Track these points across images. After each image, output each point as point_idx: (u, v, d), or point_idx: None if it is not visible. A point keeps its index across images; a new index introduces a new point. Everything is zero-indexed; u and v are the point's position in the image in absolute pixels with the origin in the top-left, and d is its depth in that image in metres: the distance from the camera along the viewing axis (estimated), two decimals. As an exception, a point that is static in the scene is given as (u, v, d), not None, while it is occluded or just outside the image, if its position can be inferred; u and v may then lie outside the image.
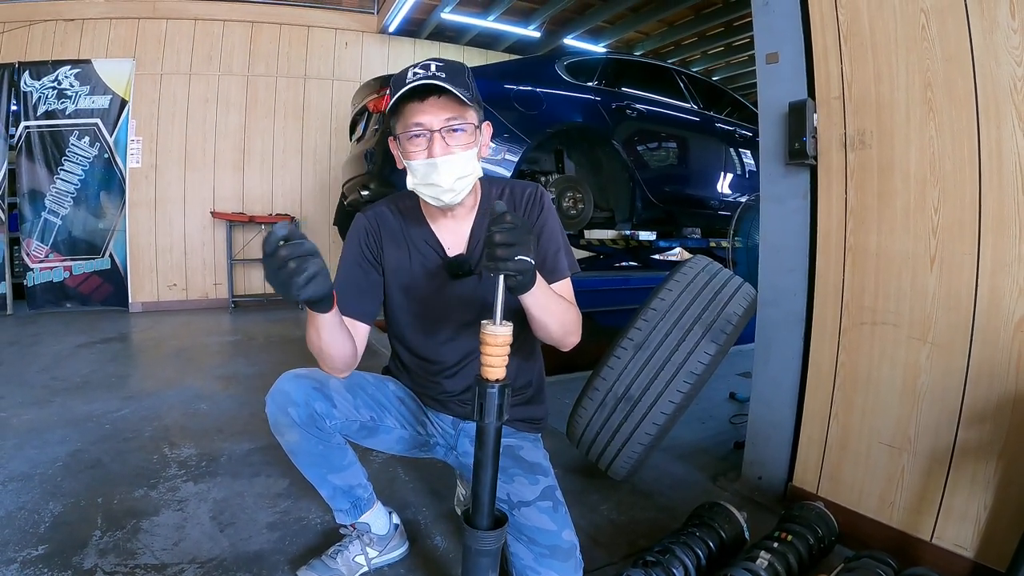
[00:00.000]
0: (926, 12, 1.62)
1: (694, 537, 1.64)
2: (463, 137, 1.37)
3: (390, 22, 7.12)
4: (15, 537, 1.81)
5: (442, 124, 1.34)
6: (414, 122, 1.35)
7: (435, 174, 1.35)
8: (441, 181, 1.35)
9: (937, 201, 1.63)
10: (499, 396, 1.15)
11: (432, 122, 1.34)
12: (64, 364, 4.08)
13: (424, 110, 1.34)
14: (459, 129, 1.36)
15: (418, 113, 1.34)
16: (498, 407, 1.15)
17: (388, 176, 3.66)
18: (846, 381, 1.89)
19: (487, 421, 1.16)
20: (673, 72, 5.20)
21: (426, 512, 2.05)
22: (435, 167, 1.34)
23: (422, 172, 1.36)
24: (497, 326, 1.14)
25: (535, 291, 1.25)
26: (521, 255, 1.12)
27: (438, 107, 1.34)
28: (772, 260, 2.14)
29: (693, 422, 2.93)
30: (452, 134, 1.35)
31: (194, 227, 6.89)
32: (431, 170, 1.35)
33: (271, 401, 1.48)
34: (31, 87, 6.14)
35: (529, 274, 1.17)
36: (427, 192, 1.39)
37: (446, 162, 1.34)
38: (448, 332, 1.57)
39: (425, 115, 1.34)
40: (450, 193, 1.38)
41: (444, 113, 1.34)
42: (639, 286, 4.59)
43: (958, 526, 1.61)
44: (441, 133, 1.34)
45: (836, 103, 1.86)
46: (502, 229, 1.11)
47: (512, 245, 1.11)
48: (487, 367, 1.15)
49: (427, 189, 1.38)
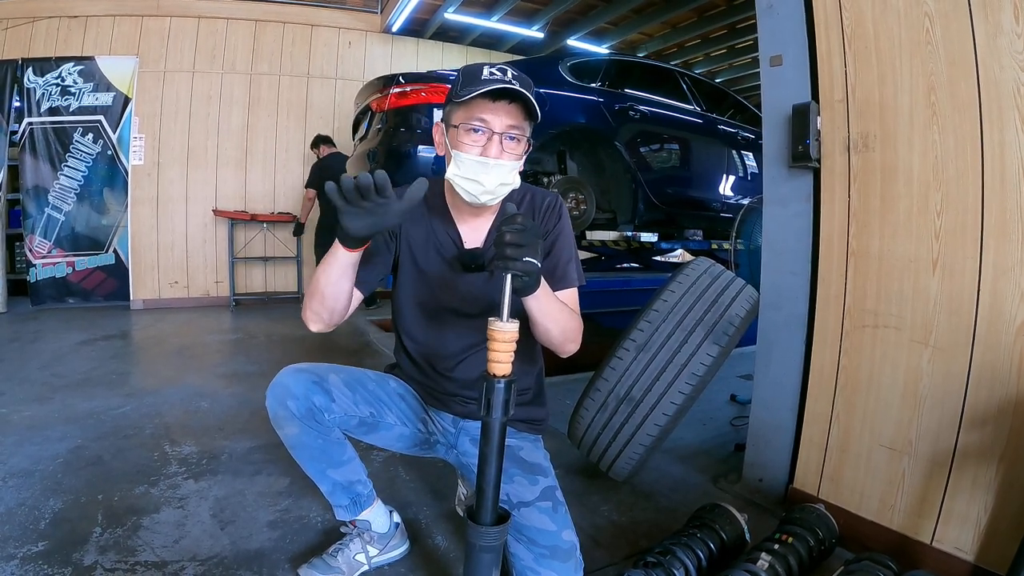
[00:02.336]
0: (930, 16, 1.62)
1: (695, 538, 1.64)
2: (517, 147, 1.39)
3: (393, 22, 7.12)
4: (15, 533, 1.81)
5: (504, 128, 1.36)
6: (479, 116, 1.36)
7: (483, 173, 1.36)
8: (486, 182, 1.36)
9: (940, 205, 1.63)
10: (505, 391, 1.17)
11: (496, 124, 1.36)
12: (65, 361, 4.08)
13: (494, 110, 1.35)
14: (516, 138, 1.38)
15: (487, 110, 1.36)
16: (504, 403, 1.17)
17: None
18: (847, 384, 1.89)
19: (493, 416, 1.18)
20: (676, 74, 5.20)
21: (427, 511, 2.06)
22: (486, 167, 1.35)
23: (469, 167, 1.36)
24: (504, 323, 1.16)
25: (539, 294, 1.28)
26: (528, 256, 1.15)
27: (507, 112, 1.36)
28: (774, 263, 2.14)
29: (694, 424, 2.93)
30: (509, 141, 1.37)
31: (196, 225, 6.89)
32: (480, 168, 1.36)
33: (271, 394, 1.50)
34: (35, 83, 6.14)
35: (534, 276, 1.20)
36: (466, 187, 1.39)
37: (497, 166, 1.36)
38: (451, 322, 1.58)
39: (493, 115, 1.36)
40: (488, 195, 1.39)
41: (510, 119, 1.36)
42: (641, 287, 4.59)
43: (959, 529, 1.61)
44: (502, 137, 1.36)
45: (840, 106, 1.86)
46: (513, 230, 1.14)
47: (521, 246, 1.14)
48: (494, 363, 1.17)
49: (467, 184, 1.38)
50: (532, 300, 1.29)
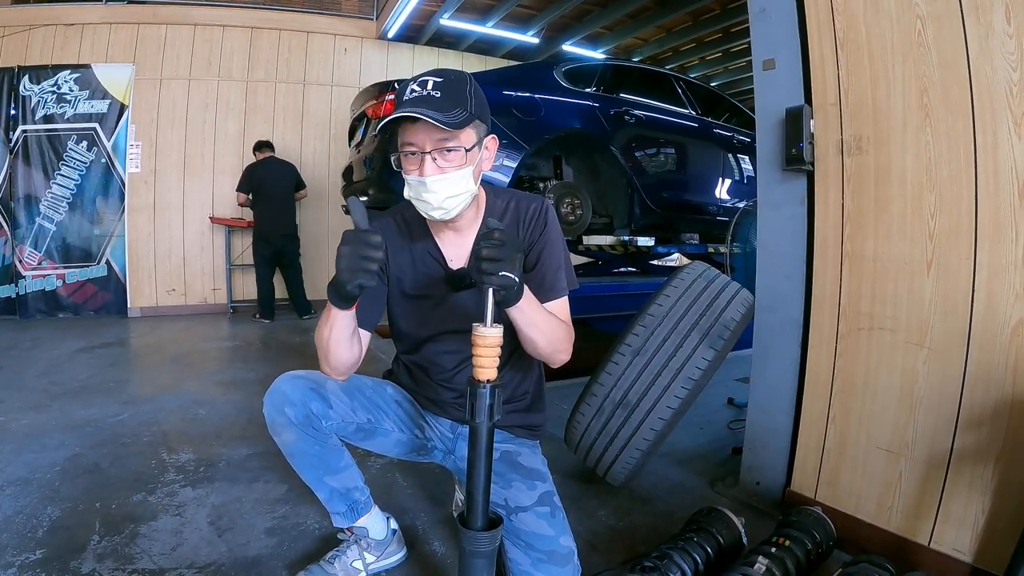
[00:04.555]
0: (922, 18, 1.63)
1: (692, 543, 1.64)
2: (456, 158, 1.34)
3: (389, 28, 7.13)
4: (13, 541, 1.80)
5: (433, 146, 1.32)
6: (406, 142, 1.35)
7: (425, 192, 1.34)
8: (432, 200, 1.35)
9: (934, 206, 1.64)
10: (490, 396, 1.17)
11: (424, 142, 1.32)
12: (63, 369, 4.07)
13: (416, 130, 1.33)
14: (451, 149, 1.34)
15: (410, 133, 1.34)
16: (489, 407, 1.17)
17: (387, 182, 3.67)
18: (843, 386, 1.89)
19: (478, 421, 1.18)
20: (671, 78, 5.21)
21: (424, 518, 2.05)
22: (425, 186, 1.33)
23: (415, 188, 1.36)
24: (487, 328, 1.17)
25: (522, 306, 1.28)
26: (505, 271, 1.15)
27: (430, 128, 1.30)
28: (769, 266, 2.15)
29: (691, 427, 2.93)
30: (445, 155, 1.33)
31: (193, 232, 6.89)
32: (421, 188, 1.34)
33: (268, 401, 1.49)
34: (30, 91, 6.15)
35: (513, 290, 1.20)
36: (419, 206, 1.40)
37: (436, 181, 1.33)
38: (447, 340, 1.58)
39: (417, 135, 1.33)
40: (439, 211, 1.37)
41: (436, 134, 1.31)
42: (637, 292, 4.59)
43: (956, 530, 1.61)
44: (432, 155, 1.33)
45: (833, 109, 1.87)
46: (489, 245, 1.15)
47: (497, 260, 1.14)
48: (478, 368, 1.18)
49: (419, 204, 1.39)
50: (515, 311, 1.29)
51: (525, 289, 1.28)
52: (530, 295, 1.32)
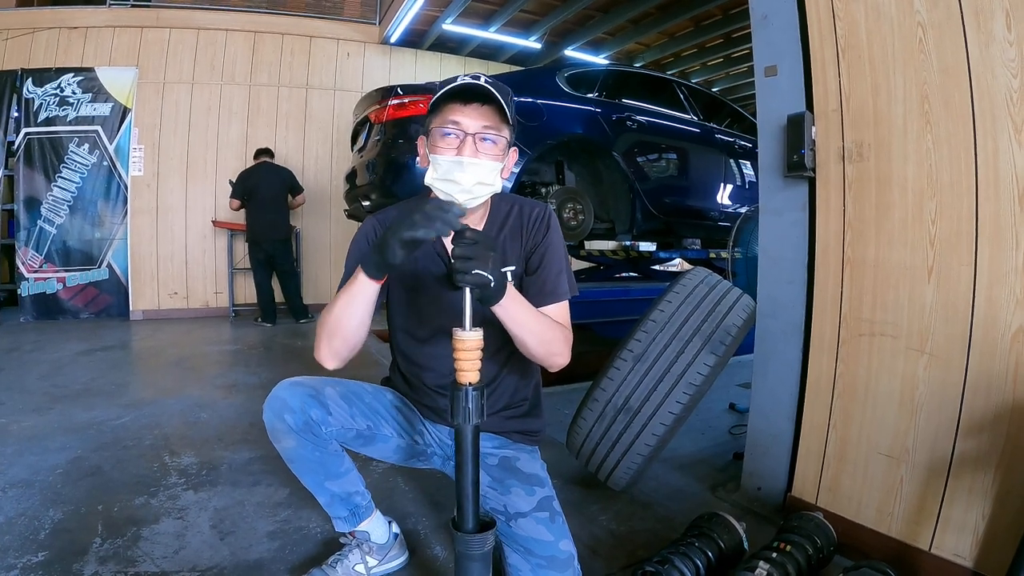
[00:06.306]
0: (923, 25, 1.63)
1: (693, 547, 1.64)
2: (493, 148, 1.38)
3: (392, 33, 7.16)
4: (15, 543, 1.81)
5: (478, 130, 1.37)
6: (452, 119, 1.37)
7: (458, 172, 1.35)
8: (462, 180, 1.35)
9: (934, 213, 1.64)
10: (472, 398, 1.18)
11: (469, 125, 1.36)
12: (64, 371, 4.08)
13: (465, 112, 1.36)
14: (491, 139, 1.38)
15: (458, 113, 1.37)
16: (471, 409, 1.18)
17: (390, 186, 3.68)
18: (844, 392, 1.89)
19: (460, 422, 1.19)
20: (673, 84, 5.22)
21: (426, 522, 2.05)
22: (460, 165, 1.35)
23: (445, 168, 1.36)
24: (467, 331, 1.19)
25: (505, 304, 1.29)
26: (478, 269, 1.16)
27: (478, 113, 1.36)
28: (771, 272, 2.15)
29: (692, 433, 2.93)
30: (484, 143, 1.37)
31: (195, 236, 6.92)
32: (455, 167, 1.35)
33: (268, 408, 1.49)
34: (33, 94, 6.17)
35: (489, 288, 1.21)
36: (444, 188, 1.37)
37: (472, 164, 1.35)
38: (444, 342, 1.58)
39: (465, 117, 1.36)
40: (466, 195, 1.36)
41: (483, 120, 1.37)
42: (639, 297, 4.60)
43: (957, 536, 1.61)
44: (475, 138, 1.36)
45: (834, 116, 1.88)
46: (460, 243, 1.16)
47: (469, 259, 1.15)
48: (460, 371, 1.19)
49: (444, 185, 1.37)
50: (499, 310, 1.30)
51: (510, 288, 1.29)
52: (516, 294, 1.33)
